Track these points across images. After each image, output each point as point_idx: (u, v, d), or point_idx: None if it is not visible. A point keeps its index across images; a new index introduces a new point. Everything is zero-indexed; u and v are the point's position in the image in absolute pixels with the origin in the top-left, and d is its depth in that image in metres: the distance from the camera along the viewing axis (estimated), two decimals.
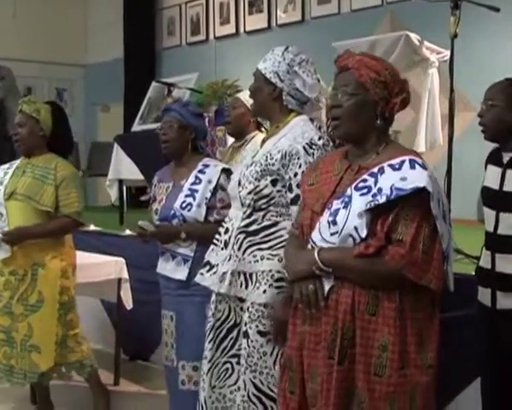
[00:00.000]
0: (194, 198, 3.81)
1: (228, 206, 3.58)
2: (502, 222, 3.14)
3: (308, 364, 2.61)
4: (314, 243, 2.60)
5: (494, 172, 3.21)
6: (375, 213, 2.48)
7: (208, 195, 3.81)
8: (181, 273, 3.80)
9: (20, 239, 4.21)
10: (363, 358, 2.49)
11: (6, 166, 4.53)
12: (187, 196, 3.83)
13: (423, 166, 2.49)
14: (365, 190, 2.51)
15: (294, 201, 3.03)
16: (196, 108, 4.12)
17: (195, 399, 3.51)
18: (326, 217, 2.57)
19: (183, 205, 3.81)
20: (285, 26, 9.46)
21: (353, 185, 2.55)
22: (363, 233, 2.47)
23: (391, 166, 2.51)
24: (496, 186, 3.17)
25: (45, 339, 4.25)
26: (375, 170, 2.54)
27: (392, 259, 2.44)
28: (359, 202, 2.49)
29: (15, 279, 4.26)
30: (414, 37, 5.73)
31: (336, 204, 2.56)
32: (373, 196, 2.48)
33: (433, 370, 2.53)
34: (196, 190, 3.82)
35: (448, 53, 5.10)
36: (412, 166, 2.49)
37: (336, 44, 6.16)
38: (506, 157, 3.17)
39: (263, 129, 4.59)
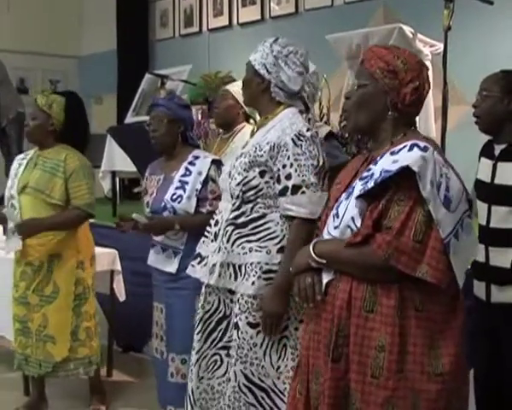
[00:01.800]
0: (185, 190, 3.82)
1: (219, 197, 3.57)
2: (494, 215, 3.15)
3: (312, 364, 2.52)
4: (323, 238, 2.56)
5: (486, 164, 3.22)
6: (369, 201, 2.36)
7: (199, 186, 3.82)
8: (171, 266, 3.82)
9: (31, 232, 4.23)
10: (358, 357, 2.36)
11: (21, 156, 4.60)
12: (177, 188, 3.84)
13: (423, 149, 2.32)
14: (366, 179, 2.40)
15: (282, 192, 3.04)
16: (182, 100, 4.13)
17: (183, 392, 3.53)
18: (333, 211, 2.53)
19: (174, 197, 3.82)
20: (278, 18, 9.43)
21: (359, 176, 2.47)
22: (359, 222, 2.37)
23: (391, 152, 2.39)
24: (487, 179, 3.19)
25: (60, 330, 4.31)
26: (378, 158, 2.43)
27: (379, 247, 2.29)
28: (357, 191, 2.41)
29: (31, 270, 4.32)
30: (407, 29, 5.74)
31: (342, 196, 2.50)
32: (365, 182, 2.37)
33: (450, 378, 2.33)
34: (186, 182, 3.83)
35: (441, 46, 5.09)
36: (410, 149, 2.34)
37: (330, 37, 6.18)
38: (497, 149, 3.18)
39: (251, 121, 4.59)
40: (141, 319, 5.20)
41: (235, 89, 4.50)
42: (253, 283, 3.06)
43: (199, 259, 3.33)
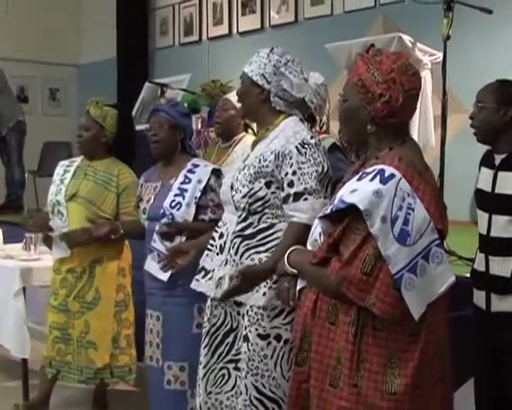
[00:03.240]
0: (184, 197, 3.81)
1: (219, 206, 3.59)
2: (494, 224, 3.15)
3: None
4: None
5: (486, 174, 3.22)
6: (333, 222, 2.42)
7: (198, 194, 3.80)
8: (164, 274, 3.77)
9: (78, 242, 4.25)
10: (318, 365, 2.44)
11: (66, 162, 4.61)
12: (176, 195, 3.82)
13: (383, 180, 2.29)
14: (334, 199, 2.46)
15: (285, 200, 3.03)
16: (184, 108, 4.13)
17: (181, 399, 3.61)
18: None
19: (173, 204, 3.80)
20: (278, 27, 9.45)
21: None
22: (320, 241, 2.48)
23: (361, 174, 2.39)
24: (488, 188, 3.19)
25: (101, 336, 4.35)
26: (357, 176, 2.42)
27: (332, 272, 2.34)
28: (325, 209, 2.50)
29: (73, 277, 4.36)
30: (407, 38, 5.75)
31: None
32: (330, 204, 2.45)
33: (402, 398, 2.31)
34: (186, 190, 3.82)
35: (441, 55, 5.12)
36: (372, 178, 2.31)
37: (329, 46, 6.19)
38: (498, 159, 3.18)
39: (250, 130, 4.59)
40: (141, 328, 5.19)
41: (236, 98, 4.51)
42: (264, 294, 3.03)
43: (203, 272, 3.29)
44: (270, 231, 3.08)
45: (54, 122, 11.83)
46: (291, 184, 3.01)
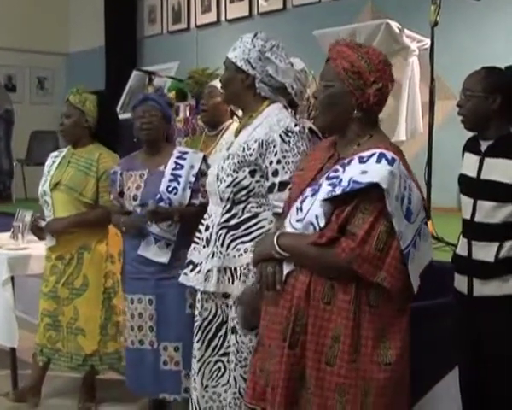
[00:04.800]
0: (179, 182, 3.91)
1: None
2: (479, 210, 3.15)
3: (268, 344, 2.63)
4: (284, 227, 2.63)
5: (471, 159, 3.22)
6: (334, 204, 2.46)
7: (192, 179, 3.92)
8: (163, 257, 3.88)
9: (58, 229, 4.36)
10: (314, 346, 2.49)
11: (55, 153, 4.68)
12: (171, 180, 3.92)
13: (390, 161, 2.43)
14: (333, 181, 2.48)
15: (270, 189, 3.01)
16: (168, 98, 4.28)
17: (176, 379, 3.75)
18: (297, 203, 2.60)
19: (169, 189, 3.90)
20: (266, 15, 9.45)
21: (326, 175, 2.54)
22: (322, 222, 2.46)
23: (360, 158, 2.48)
24: (473, 174, 3.19)
25: (90, 322, 4.38)
26: (346, 161, 2.51)
27: (343, 251, 2.41)
28: (324, 192, 2.48)
29: (62, 264, 4.41)
30: (394, 25, 5.75)
31: (308, 192, 2.57)
32: (333, 186, 2.46)
33: (395, 368, 2.48)
34: (180, 175, 3.92)
35: (428, 41, 5.12)
36: (378, 160, 2.44)
37: (317, 33, 6.18)
38: (484, 145, 3.18)
39: (235, 117, 4.59)
40: None
41: None
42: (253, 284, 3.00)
43: (191, 266, 3.28)
44: (255, 221, 3.07)
45: (42, 111, 11.77)
46: (275, 173, 2.99)
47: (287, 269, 2.57)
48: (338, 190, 2.43)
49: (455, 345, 3.33)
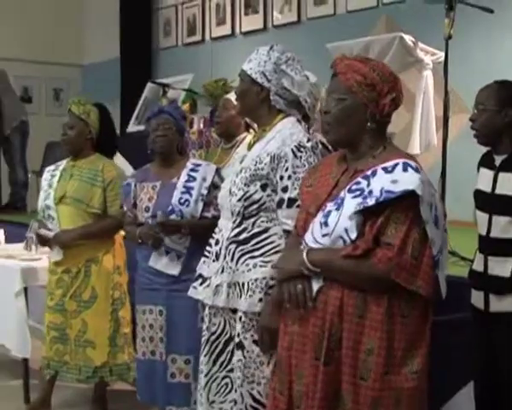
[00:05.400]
0: (191, 195, 3.92)
1: None
2: (494, 225, 3.13)
3: (295, 365, 2.59)
4: (306, 243, 2.59)
5: (486, 175, 3.21)
6: (365, 216, 2.46)
7: (204, 192, 3.93)
8: (174, 269, 3.89)
9: (66, 242, 4.35)
10: (349, 360, 2.47)
11: (52, 167, 4.66)
12: (183, 192, 3.93)
13: (416, 170, 2.46)
14: (357, 193, 2.48)
15: (279, 204, 2.99)
16: (182, 111, 4.29)
17: (185, 391, 3.78)
18: (319, 218, 2.57)
19: (181, 201, 3.91)
20: (281, 27, 9.45)
21: (347, 188, 2.53)
22: (353, 235, 2.46)
23: (384, 168, 2.49)
24: (488, 189, 3.17)
25: (99, 334, 4.39)
26: (369, 173, 2.51)
27: (380, 261, 2.42)
28: (351, 205, 2.47)
29: (68, 277, 4.40)
30: (408, 38, 5.74)
31: (330, 206, 2.55)
32: (363, 198, 2.45)
33: (421, 375, 2.49)
34: (192, 188, 3.94)
35: (442, 54, 5.10)
36: (405, 169, 2.46)
37: (330, 46, 6.17)
38: (498, 160, 3.16)
39: (251, 130, 4.59)
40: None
41: None
42: (260, 299, 2.98)
43: (200, 280, 3.26)
44: (265, 235, 3.04)
45: (57, 122, 11.68)
46: (285, 189, 2.97)
47: (316, 286, 2.54)
48: (371, 201, 2.44)
49: (470, 360, 3.31)
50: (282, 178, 2.97)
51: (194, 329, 3.75)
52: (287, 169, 2.96)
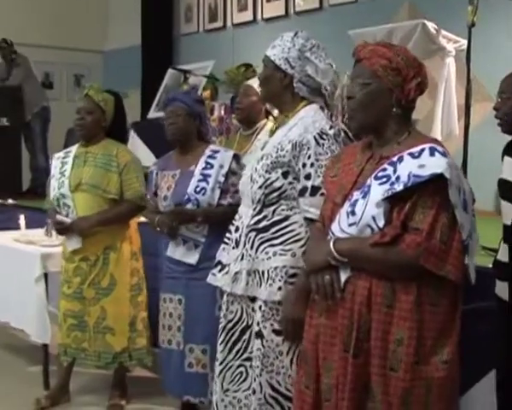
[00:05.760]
0: (208, 182, 3.88)
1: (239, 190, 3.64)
2: None
3: (323, 358, 2.57)
4: (333, 233, 2.56)
5: (510, 163, 3.17)
6: (392, 202, 2.43)
7: (221, 179, 3.89)
8: (191, 258, 3.88)
9: (84, 229, 4.32)
10: (379, 351, 2.44)
11: (61, 154, 4.61)
12: (200, 180, 3.90)
13: (443, 154, 2.43)
14: (384, 179, 2.46)
15: (302, 192, 2.96)
16: (197, 95, 4.18)
17: (202, 381, 3.77)
18: (346, 208, 2.54)
19: (197, 189, 3.88)
20: (303, 14, 9.39)
21: (373, 175, 2.51)
22: (381, 223, 2.43)
23: (410, 154, 2.46)
24: None
25: (119, 321, 4.41)
26: (395, 159, 2.48)
27: (409, 247, 2.38)
28: (377, 192, 2.44)
29: (87, 265, 4.39)
30: (431, 25, 5.70)
31: (356, 195, 2.52)
32: (391, 184, 2.42)
33: (451, 365, 2.46)
34: (209, 175, 3.89)
35: (465, 42, 5.05)
36: (432, 154, 2.43)
37: (352, 32, 6.13)
38: None
39: (271, 117, 4.56)
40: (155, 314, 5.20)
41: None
42: (279, 288, 2.95)
43: (220, 266, 3.24)
44: (285, 224, 3.01)
45: None
46: (308, 177, 2.94)
47: (344, 276, 2.51)
48: (398, 187, 2.40)
49: (493, 349, 3.28)
50: (304, 165, 2.94)
51: (212, 318, 3.73)
52: (309, 157, 2.93)
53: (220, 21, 10.75)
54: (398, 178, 2.42)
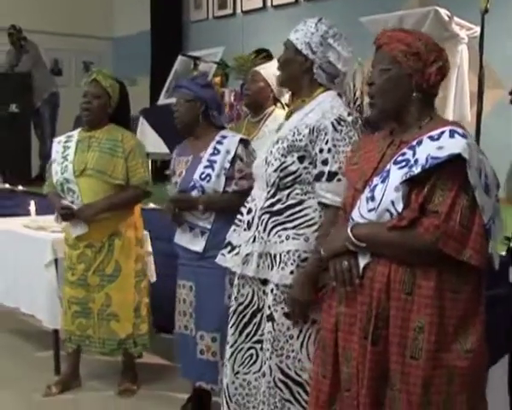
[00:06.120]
0: (213, 169, 3.83)
1: (246, 176, 3.66)
2: None
3: (343, 346, 2.54)
4: (353, 220, 2.54)
5: None
6: (411, 186, 2.38)
7: (227, 165, 3.82)
8: (198, 245, 3.85)
9: (92, 215, 4.29)
10: (398, 339, 2.40)
11: (62, 138, 4.58)
12: (206, 166, 3.85)
13: (463, 136, 2.37)
14: (403, 164, 2.41)
15: (318, 177, 2.94)
16: (204, 80, 4.10)
17: (213, 369, 3.71)
18: (366, 193, 2.52)
19: (203, 176, 3.84)
20: (313, 0, 9.36)
21: (392, 160, 2.47)
22: (400, 207, 2.38)
23: (430, 137, 2.41)
24: None
25: (124, 307, 4.40)
26: (414, 143, 2.44)
27: (427, 231, 2.33)
28: (396, 176, 2.41)
29: (92, 252, 4.37)
30: (443, 12, 5.66)
31: (376, 180, 2.49)
32: (409, 167, 2.38)
33: (475, 355, 2.40)
34: (215, 161, 3.84)
35: (478, 29, 5.03)
36: (451, 136, 2.37)
37: (363, 19, 6.10)
38: None
39: (279, 104, 4.54)
40: (172, 300, 5.18)
41: (266, 71, 4.47)
42: (291, 272, 2.94)
43: (229, 247, 3.23)
44: (299, 208, 3.00)
45: None
46: (325, 162, 2.92)
47: (363, 262, 2.48)
48: (416, 170, 2.36)
49: (507, 335, 3.27)
50: (321, 150, 2.93)
51: (221, 307, 3.70)
52: (327, 142, 2.91)
53: (230, 8, 10.72)
54: (416, 161, 2.37)
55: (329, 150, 2.91)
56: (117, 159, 4.33)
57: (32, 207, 5.67)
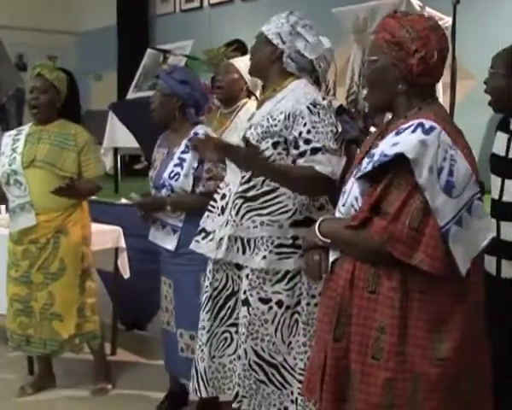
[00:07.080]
0: (182, 168, 3.81)
1: (214, 177, 3.67)
2: (507, 189, 3.12)
3: (318, 337, 2.54)
4: (339, 213, 2.50)
5: (501, 138, 3.18)
6: (371, 182, 2.30)
7: (195, 164, 3.79)
8: (170, 243, 3.84)
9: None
10: (359, 338, 2.33)
11: (13, 132, 4.50)
12: (176, 165, 3.83)
13: (426, 131, 2.22)
14: (369, 158, 2.33)
15: (302, 154, 2.96)
16: (181, 75, 4.01)
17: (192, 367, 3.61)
18: (344, 187, 2.49)
19: (172, 175, 3.82)
20: None
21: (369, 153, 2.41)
22: (359, 204, 2.34)
23: (398, 130, 2.29)
24: (502, 153, 3.15)
25: (67, 307, 4.28)
26: (387, 135, 2.36)
27: (376, 232, 2.23)
28: (363, 170, 2.34)
29: (36, 248, 4.26)
30: (415, 2, 5.68)
31: (352, 174, 2.45)
32: (368, 163, 2.31)
33: (449, 364, 2.26)
34: (184, 160, 3.82)
35: (450, 20, 5.04)
36: (414, 130, 2.23)
37: (336, 10, 6.10)
38: None
39: (253, 97, 4.52)
40: (145, 297, 5.16)
41: (240, 63, 4.46)
42: (264, 257, 3.02)
43: (203, 234, 3.28)
44: (273, 195, 3.04)
45: None
46: (308, 142, 2.95)
47: (332, 257, 2.44)
48: (368, 167, 2.28)
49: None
50: (300, 133, 2.97)
51: (197, 304, 3.64)
52: (305, 124, 2.96)
53: (197, 1, 10.67)
54: (372, 157, 2.30)
55: (309, 131, 2.95)
56: (68, 152, 4.25)
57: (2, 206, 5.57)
